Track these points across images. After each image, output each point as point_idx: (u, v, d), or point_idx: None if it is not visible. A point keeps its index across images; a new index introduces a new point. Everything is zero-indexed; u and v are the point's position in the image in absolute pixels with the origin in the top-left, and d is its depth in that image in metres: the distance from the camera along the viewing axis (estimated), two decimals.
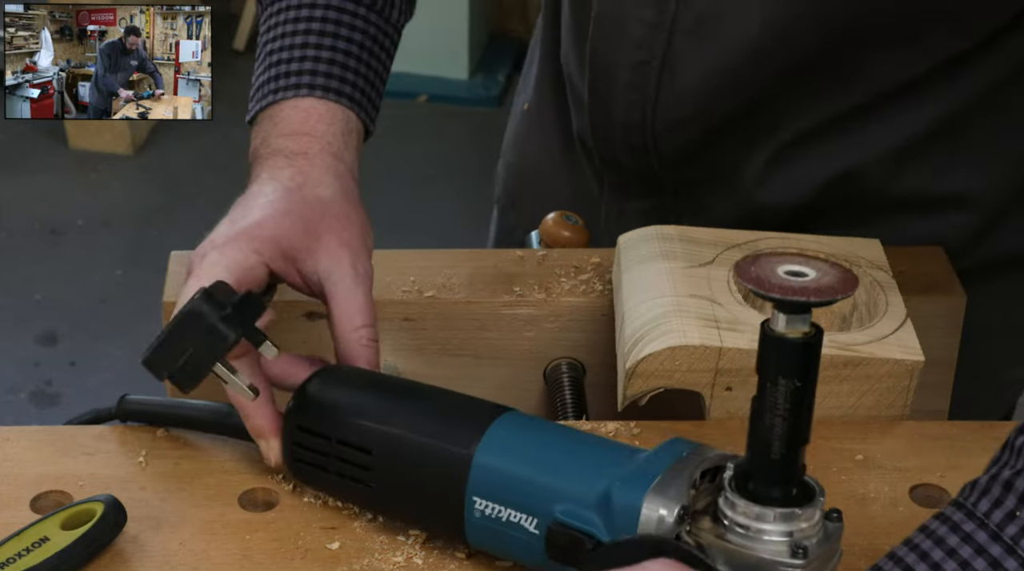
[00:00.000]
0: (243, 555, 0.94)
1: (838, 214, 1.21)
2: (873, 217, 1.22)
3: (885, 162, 1.19)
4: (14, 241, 3.41)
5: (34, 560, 0.91)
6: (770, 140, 1.20)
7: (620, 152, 1.23)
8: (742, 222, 1.18)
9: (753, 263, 0.80)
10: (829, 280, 0.79)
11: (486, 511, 0.90)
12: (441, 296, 1.14)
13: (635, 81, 1.18)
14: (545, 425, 0.94)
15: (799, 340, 0.79)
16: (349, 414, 0.95)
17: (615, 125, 1.21)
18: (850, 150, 1.19)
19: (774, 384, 0.80)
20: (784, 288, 0.78)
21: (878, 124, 1.18)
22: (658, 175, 1.23)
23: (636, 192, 1.27)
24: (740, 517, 0.82)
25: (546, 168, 1.38)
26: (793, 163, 1.20)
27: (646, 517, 0.84)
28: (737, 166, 1.21)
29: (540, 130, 1.38)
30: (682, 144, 1.21)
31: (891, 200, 1.21)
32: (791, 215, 1.21)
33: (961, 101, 1.17)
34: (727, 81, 1.15)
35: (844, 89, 1.17)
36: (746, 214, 1.21)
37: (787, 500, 0.82)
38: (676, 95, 1.17)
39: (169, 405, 1.06)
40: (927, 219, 1.22)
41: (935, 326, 1.13)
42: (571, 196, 1.33)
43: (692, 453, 0.86)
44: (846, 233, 1.17)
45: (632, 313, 1.06)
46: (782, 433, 0.81)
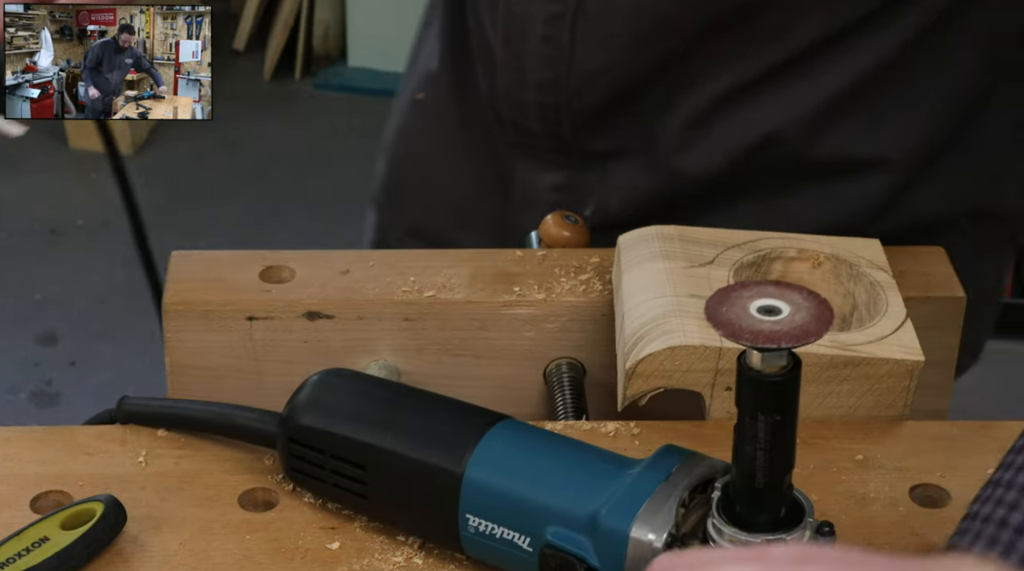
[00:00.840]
0: (243, 555, 0.94)
1: (760, 183, 1.20)
2: (794, 185, 1.21)
3: (806, 124, 1.18)
4: (14, 241, 3.41)
5: (34, 560, 0.91)
6: (689, 102, 1.18)
7: (532, 116, 1.22)
8: (660, 193, 1.17)
9: (724, 301, 0.78)
10: (803, 317, 0.77)
11: (480, 528, 0.90)
12: (441, 296, 1.14)
13: (550, 34, 1.17)
14: (537, 437, 0.94)
15: (776, 376, 0.78)
16: (341, 428, 0.95)
17: (528, 86, 1.20)
18: (771, 113, 1.18)
19: (753, 419, 0.79)
20: (755, 333, 0.76)
21: (800, 83, 1.17)
22: (570, 143, 1.22)
23: (549, 164, 1.25)
24: (727, 543, 0.82)
25: (441, 158, 1.36)
26: (713, 127, 1.19)
27: (635, 542, 0.84)
28: (654, 131, 1.20)
29: (435, 118, 1.35)
30: (597, 103, 1.19)
31: (812, 165, 1.20)
32: (711, 185, 1.20)
33: (883, 57, 1.17)
34: (644, 27, 1.14)
35: (763, 45, 1.16)
36: (664, 184, 1.20)
37: (775, 524, 0.82)
38: (591, 46, 1.16)
39: (170, 406, 1.06)
40: (848, 183, 1.21)
41: (935, 326, 1.13)
42: (471, 186, 1.32)
43: (682, 467, 0.86)
44: (765, 202, 1.16)
45: (632, 313, 1.06)
46: (764, 464, 0.80)
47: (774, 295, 0.78)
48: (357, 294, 1.14)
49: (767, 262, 1.12)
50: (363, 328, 1.13)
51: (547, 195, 1.26)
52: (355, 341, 1.13)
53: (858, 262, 1.11)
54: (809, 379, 1.02)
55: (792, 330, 0.76)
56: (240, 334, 1.12)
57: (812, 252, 1.12)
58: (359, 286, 1.14)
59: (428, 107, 1.36)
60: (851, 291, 1.11)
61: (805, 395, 1.02)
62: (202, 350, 1.13)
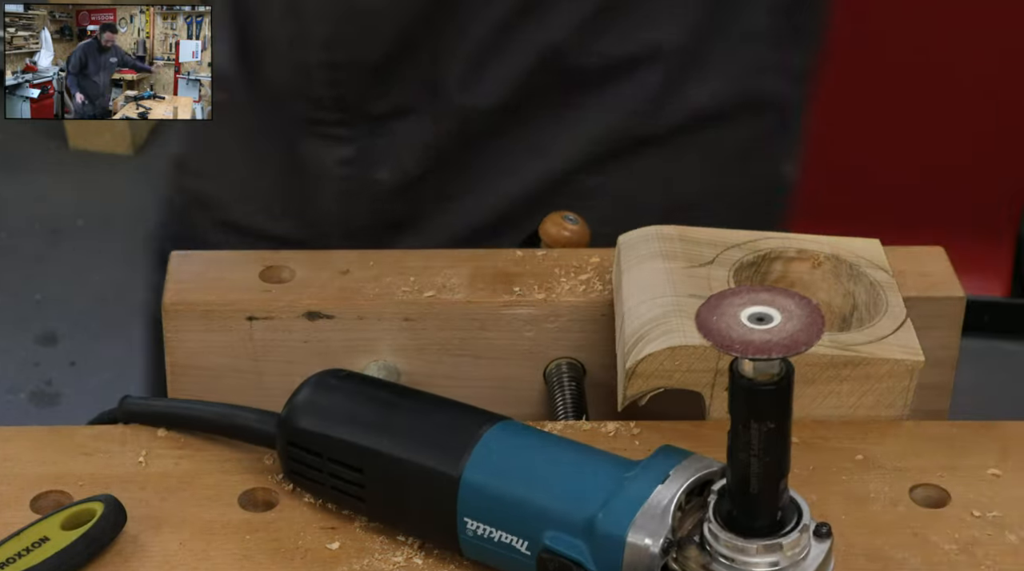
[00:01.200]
0: (243, 555, 0.94)
1: (544, 100, 1.21)
2: (577, 95, 1.21)
3: (582, 32, 1.19)
4: (14, 241, 3.40)
5: (34, 560, 0.91)
6: (467, 38, 1.19)
7: (317, 82, 1.21)
8: (453, 138, 1.17)
9: (715, 309, 0.78)
10: (794, 325, 0.76)
11: (478, 531, 0.90)
12: (441, 296, 1.14)
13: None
14: (535, 439, 0.93)
15: (769, 384, 0.78)
16: (338, 431, 0.95)
17: (311, 45, 1.19)
18: (547, 29, 1.19)
19: (746, 427, 0.79)
20: (746, 344, 0.76)
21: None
22: (355, 108, 1.22)
23: (335, 139, 1.25)
24: (723, 548, 0.82)
25: (236, 152, 1.35)
26: (494, 57, 1.19)
27: (631, 547, 0.84)
28: (437, 79, 1.20)
29: (223, 116, 1.36)
30: (380, 54, 1.19)
31: (592, 70, 1.21)
32: (501, 114, 1.20)
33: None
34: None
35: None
36: (457, 127, 1.20)
37: (771, 529, 0.82)
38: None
39: (171, 406, 1.06)
40: (628, 81, 1.22)
41: (935, 326, 1.13)
42: (266, 180, 1.32)
43: (679, 470, 0.86)
44: (553, 116, 1.18)
45: (632, 313, 1.06)
46: (759, 471, 0.80)
47: (766, 302, 0.78)
48: (357, 294, 1.14)
49: (767, 262, 1.12)
50: (363, 328, 1.13)
51: (338, 170, 1.25)
52: (355, 341, 1.13)
53: (858, 262, 1.11)
54: (809, 379, 1.02)
55: (783, 340, 0.76)
56: (240, 334, 1.12)
57: (812, 252, 1.12)
58: (359, 286, 1.14)
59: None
60: (851, 291, 1.11)
61: (804, 395, 1.03)
62: (202, 350, 1.13)
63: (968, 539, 0.95)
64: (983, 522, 0.96)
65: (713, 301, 0.78)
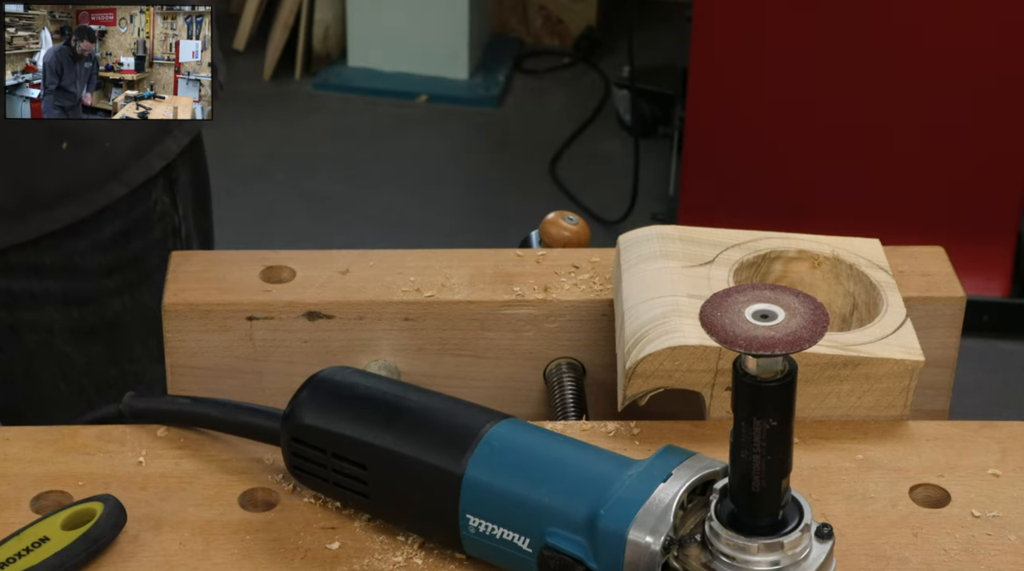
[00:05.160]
0: (243, 555, 0.94)
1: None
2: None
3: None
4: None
5: (34, 560, 0.91)
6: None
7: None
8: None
9: (719, 306, 0.78)
10: (798, 323, 0.76)
11: (480, 528, 0.90)
12: (441, 296, 1.14)
13: None
14: (538, 437, 0.93)
15: (772, 382, 0.78)
16: (342, 427, 0.95)
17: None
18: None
19: (749, 424, 0.79)
20: (750, 340, 0.76)
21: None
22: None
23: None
24: (725, 547, 0.82)
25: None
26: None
27: (632, 544, 0.84)
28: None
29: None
30: None
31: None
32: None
33: None
34: None
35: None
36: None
37: (772, 528, 0.82)
38: None
39: (174, 402, 1.05)
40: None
41: (935, 326, 1.13)
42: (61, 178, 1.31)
43: (681, 469, 0.86)
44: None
45: (632, 313, 1.06)
46: (761, 468, 0.80)
47: (769, 299, 0.78)
48: (357, 294, 1.14)
49: (767, 262, 1.12)
50: (363, 328, 1.13)
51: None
52: (355, 341, 1.14)
53: (858, 262, 1.11)
54: (809, 379, 1.02)
55: (787, 336, 0.76)
56: (240, 334, 1.13)
57: (812, 252, 1.12)
58: (359, 286, 1.14)
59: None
60: (851, 291, 1.11)
61: (805, 395, 1.03)
62: (202, 350, 1.13)
63: (968, 539, 0.95)
64: (983, 522, 0.96)
65: (717, 298, 0.79)
